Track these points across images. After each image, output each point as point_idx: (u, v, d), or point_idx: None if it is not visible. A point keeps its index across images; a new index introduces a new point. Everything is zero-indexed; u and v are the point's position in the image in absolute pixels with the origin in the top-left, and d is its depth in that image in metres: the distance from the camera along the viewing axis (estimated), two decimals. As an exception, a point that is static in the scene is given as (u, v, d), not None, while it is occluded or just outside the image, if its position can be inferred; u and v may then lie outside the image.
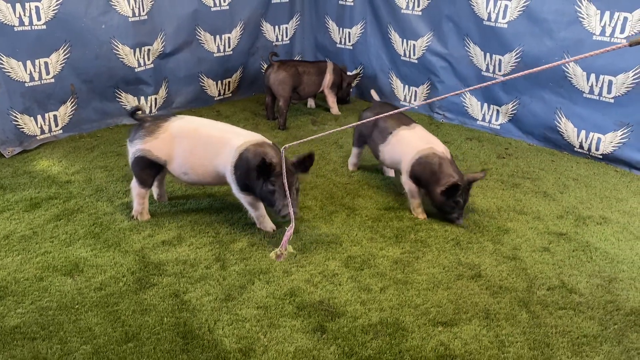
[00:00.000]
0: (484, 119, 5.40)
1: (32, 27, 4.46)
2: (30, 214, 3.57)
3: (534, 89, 4.90)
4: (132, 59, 5.13)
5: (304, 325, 2.62)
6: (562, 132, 4.83)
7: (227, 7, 5.74)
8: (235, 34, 5.91)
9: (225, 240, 3.33)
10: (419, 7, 5.49)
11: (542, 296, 2.88)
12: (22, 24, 4.39)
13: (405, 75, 5.88)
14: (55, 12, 4.54)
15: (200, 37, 5.64)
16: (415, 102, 5.86)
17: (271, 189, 3.09)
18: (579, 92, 4.62)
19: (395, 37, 5.79)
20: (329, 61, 5.73)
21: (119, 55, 5.04)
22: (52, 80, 4.71)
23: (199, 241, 3.31)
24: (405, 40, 5.71)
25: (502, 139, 5.16)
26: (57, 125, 4.87)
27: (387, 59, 5.98)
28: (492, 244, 3.36)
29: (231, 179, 3.24)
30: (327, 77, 5.60)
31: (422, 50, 5.60)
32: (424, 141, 3.63)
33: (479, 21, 5.05)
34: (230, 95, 6.18)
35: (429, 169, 3.49)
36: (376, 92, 6.11)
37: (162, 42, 5.35)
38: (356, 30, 6.17)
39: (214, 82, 5.96)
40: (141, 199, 3.50)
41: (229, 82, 6.10)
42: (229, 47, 5.92)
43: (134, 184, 3.48)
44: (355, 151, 4.32)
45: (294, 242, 3.30)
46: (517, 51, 4.85)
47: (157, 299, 2.79)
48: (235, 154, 3.18)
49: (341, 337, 2.55)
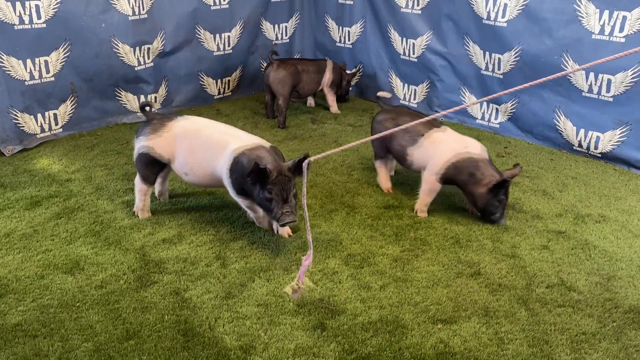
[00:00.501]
0: (483, 118, 5.41)
1: (32, 25, 4.46)
2: (30, 212, 3.58)
3: (533, 88, 4.90)
4: (132, 57, 5.13)
5: (304, 322, 2.64)
6: (561, 130, 4.84)
7: (227, 5, 5.75)
8: (234, 32, 5.92)
9: (225, 238, 3.34)
10: (418, 5, 5.49)
11: (541, 294, 2.89)
12: (22, 22, 4.40)
13: (404, 74, 5.89)
14: (55, 10, 4.55)
15: (200, 35, 5.64)
16: (414, 100, 5.88)
17: (268, 196, 2.97)
18: (578, 91, 4.63)
19: (394, 35, 5.80)
20: (329, 60, 5.74)
21: (119, 53, 5.04)
22: (52, 78, 4.72)
23: (200, 239, 3.32)
24: (404, 39, 5.72)
25: (502, 137, 5.17)
26: (57, 123, 4.88)
27: (387, 58, 5.99)
28: (492, 242, 3.38)
29: (227, 183, 3.21)
30: (327, 75, 5.61)
31: (422, 49, 5.61)
32: (460, 144, 3.53)
33: (479, 20, 5.06)
34: (230, 94, 6.19)
35: (467, 171, 3.43)
36: (378, 92, 6.15)
37: (162, 41, 5.35)
38: (356, 29, 6.18)
39: (214, 81, 5.97)
40: (143, 196, 3.51)
41: (229, 80, 6.11)
42: (229, 46, 5.93)
43: (137, 180, 3.50)
44: (379, 164, 3.99)
45: (294, 241, 3.31)
46: (517, 50, 4.86)
47: (157, 296, 2.80)
48: (230, 158, 3.13)
49: (341, 334, 2.56)
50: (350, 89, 6.03)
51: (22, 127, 4.62)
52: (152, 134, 3.35)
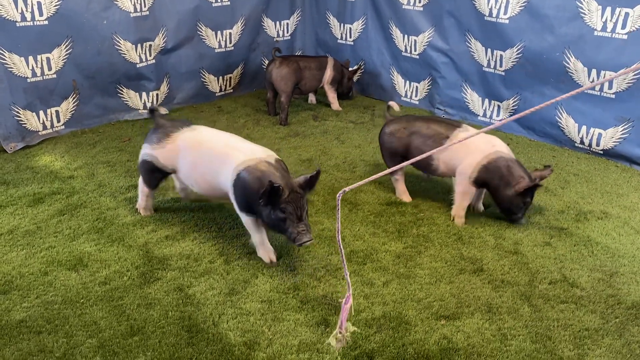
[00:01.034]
0: (485, 115, 5.41)
1: (34, 22, 4.46)
2: (33, 209, 3.59)
3: (535, 85, 4.90)
4: (134, 54, 5.13)
5: (308, 318, 2.64)
6: (562, 127, 4.84)
7: (228, 2, 5.74)
8: (236, 29, 5.92)
9: (228, 235, 3.35)
10: (420, 2, 5.49)
11: (544, 290, 2.90)
12: (24, 19, 4.39)
13: (406, 70, 5.89)
14: (57, 7, 4.55)
15: (201, 32, 5.64)
16: (416, 97, 5.88)
17: (281, 216, 2.77)
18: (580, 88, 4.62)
19: (396, 32, 5.80)
20: (330, 57, 5.74)
21: (121, 50, 5.04)
22: (54, 75, 4.72)
23: (203, 236, 3.33)
24: (406, 35, 5.71)
25: (503, 134, 5.17)
26: (59, 120, 4.88)
27: (388, 55, 5.99)
28: (494, 239, 3.38)
29: (232, 199, 3.04)
30: (328, 72, 5.61)
31: (424, 45, 5.60)
32: (489, 144, 3.46)
33: (480, 17, 5.06)
34: (231, 91, 6.19)
35: (498, 173, 3.36)
36: (380, 89, 6.16)
37: (163, 38, 5.35)
38: (357, 25, 6.18)
39: (215, 78, 5.97)
40: (144, 196, 3.51)
41: (230, 77, 6.11)
42: (230, 43, 5.93)
43: (140, 181, 3.49)
44: (396, 177, 3.83)
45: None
46: (519, 47, 4.86)
47: (161, 293, 2.81)
48: (233, 174, 2.95)
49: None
50: (352, 86, 6.02)
51: (24, 124, 4.62)
52: (156, 143, 3.29)
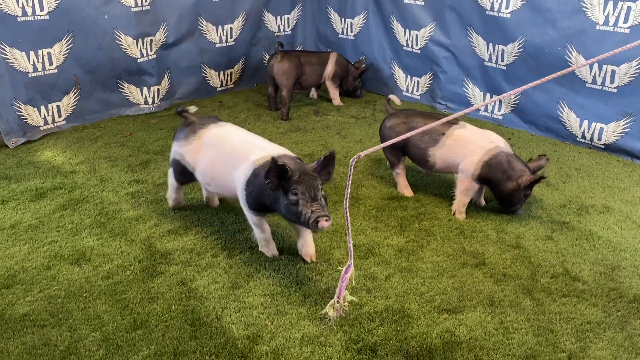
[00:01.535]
0: (486, 109, 5.40)
1: (35, 17, 4.45)
2: (35, 203, 3.59)
3: (537, 79, 4.87)
4: (135, 49, 5.13)
5: (311, 312, 2.65)
6: (564, 122, 4.84)
7: (229, -3, 5.74)
8: (237, 24, 5.90)
9: (231, 229, 3.35)
10: (421, -3, 5.48)
11: (546, 284, 2.91)
12: (25, 14, 4.39)
13: (407, 65, 5.88)
14: (58, 2, 4.54)
15: (202, 27, 5.63)
16: (417, 92, 5.87)
17: (293, 198, 2.63)
18: (582, 82, 4.62)
19: (397, 27, 5.79)
20: (333, 52, 5.72)
21: (122, 45, 5.04)
22: (55, 70, 4.71)
23: (205, 230, 3.33)
24: (407, 30, 5.70)
25: (505, 129, 5.16)
26: (60, 116, 4.88)
27: (390, 49, 5.98)
28: (496, 233, 3.39)
29: (241, 195, 2.94)
30: (329, 67, 5.59)
31: (425, 40, 5.59)
32: (487, 140, 3.46)
33: (482, 11, 5.05)
34: (232, 86, 6.18)
35: (501, 168, 3.37)
36: (381, 83, 6.15)
37: (164, 33, 5.34)
38: (358, 20, 6.16)
39: (216, 73, 5.96)
40: (172, 189, 3.48)
41: (231, 72, 6.10)
42: (231, 38, 5.92)
43: (170, 172, 3.42)
44: (398, 171, 3.84)
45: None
46: (520, 41, 4.85)
47: (164, 287, 2.82)
48: (250, 168, 2.86)
49: (347, 324, 2.57)
50: (359, 84, 5.89)
51: (26, 119, 4.62)
52: (184, 140, 3.22)
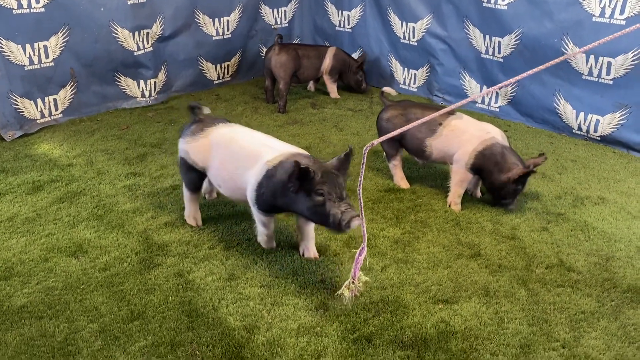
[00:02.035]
0: (483, 102, 5.41)
1: (31, 10, 4.44)
2: (33, 196, 3.60)
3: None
4: (131, 42, 5.11)
5: (307, 303, 2.67)
6: (560, 114, 4.85)
7: (226, -11, 5.72)
8: (234, 16, 5.89)
9: (228, 221, 3.36)
10: (418, -11, 5.47)
11: (541, 274, 2.93)
12: (20, 7, 4.37)
13: (404, 58, 5.87)
14: (53, -6, 4.53)
15: (199, 20, 5.62)
16: (414, 85, 5.87)
17: (319, 199, 2.58)
18: (578, 74, 4.63)
19: (394, 19, 5.78)
20: (332, 46, 5.70)
21: (118, 38, 5.03)
22: (52, 63, 4.70)
23: (202, 222, 3.34)
24: (404, 22, 5.70)
25: (501, 121, 5.17)
26: (57, 109, 4.88)
27: (387, 42, 5.97)
28: (491, 224, 3.40)
29: (251, 197, 2.85)
30: (327, 61, 5.58)
31: (422, 32, 5.59)
32: (483, 130, 3.48)
33: (479, 3, 5.04)
34: (229, 78, 6.17)
35: (493, 159, 3.39)
36: (378, 76, 6.14)
37: (161, 25, 5.33)
38: (355, 13, 6.15)
39: (213, 66, 5.95)
40: (187, 202, 3.30)
41: (228, 65, 6.09)
42: (228, 30, 5.91)
43: (183, 184, 3.29)
44: (394, 164, 3.86)
45: (295, 224, 3.32)
46: (517, 33, 4.85)
47: (161, 278, 2.83)
48: (262, 170, 2.78)
49: (343, 314, 2.59)
50: (361, 78, 5.78)
51: (22, 112, 4.62)
52: (190, 137, 3.12)
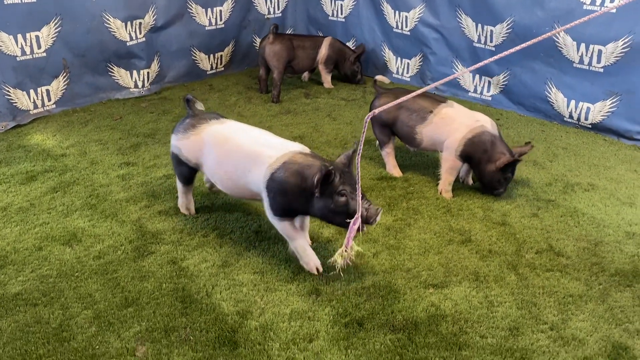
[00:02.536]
0: (475, 91, 5.44)
1: (22, 0, 4.42)
2: (26, 186, 3.61)
3: (525, 60, 4.92)
4: (124, 32, 5.11)
5: (300, 288, 2.70)
6: (552, 102, 4.88)
7: (218, -21, 5.71)
8: (226, 6, 5.88)
9: (221, 209, 3.39)
10: (411, -22, 5.47)
11: (530, 259, 2.97)
12: (11, -3, 4.37)
13: (397, 47, 5.88)
14: (44, -16, 4.51)
15: (191, 10, 5.60)
16: (407, 74, 5.88)
17: (343, 200, 2.56)
18: (569, 62, 4.66)
19: (387, 9, 5.78)
20: (328, 37, 5.70)
21: (111, 28, 5.01)
22: (44, 54, 4.69)
23: (196, 211, 3.36)
24: (397, 12, 5.70)
25: (494, 110, 5.20)
26: (50, 99, 4.87)
27: (380, 32, 5.98)
28: (482, 211, 3.44)
29: (266, 202, 2.78)
30: (322, 52, 5.58)
31: (415, 21, 5.60)
32: (472, 119, 3.51)
33: (471, -8, 5.06)
34: (222, 69, 6.17)
35: (482, 147, 3.43)
36: (371, 66, 6.15)
37: (153, 16, 5.31)
38: (348, 2, 6.15)
39: (206, 56, 5.94)
40: (180, 194, 3.30)
41: (221, 55, 6.09)
42: (221, 20, 5.90)
43: (176, 177, 3.30)
44: (387, 151, 3.88)
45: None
46: (509, 22, 4.87)
47: (155, 266, 2.85)
48: (266, 173, 2.71)
49: (335, 299, 2.63)
50: (358, 69, 5.77)
51: (15, 103, 4.61)
52: (182, 133, 3.09)
